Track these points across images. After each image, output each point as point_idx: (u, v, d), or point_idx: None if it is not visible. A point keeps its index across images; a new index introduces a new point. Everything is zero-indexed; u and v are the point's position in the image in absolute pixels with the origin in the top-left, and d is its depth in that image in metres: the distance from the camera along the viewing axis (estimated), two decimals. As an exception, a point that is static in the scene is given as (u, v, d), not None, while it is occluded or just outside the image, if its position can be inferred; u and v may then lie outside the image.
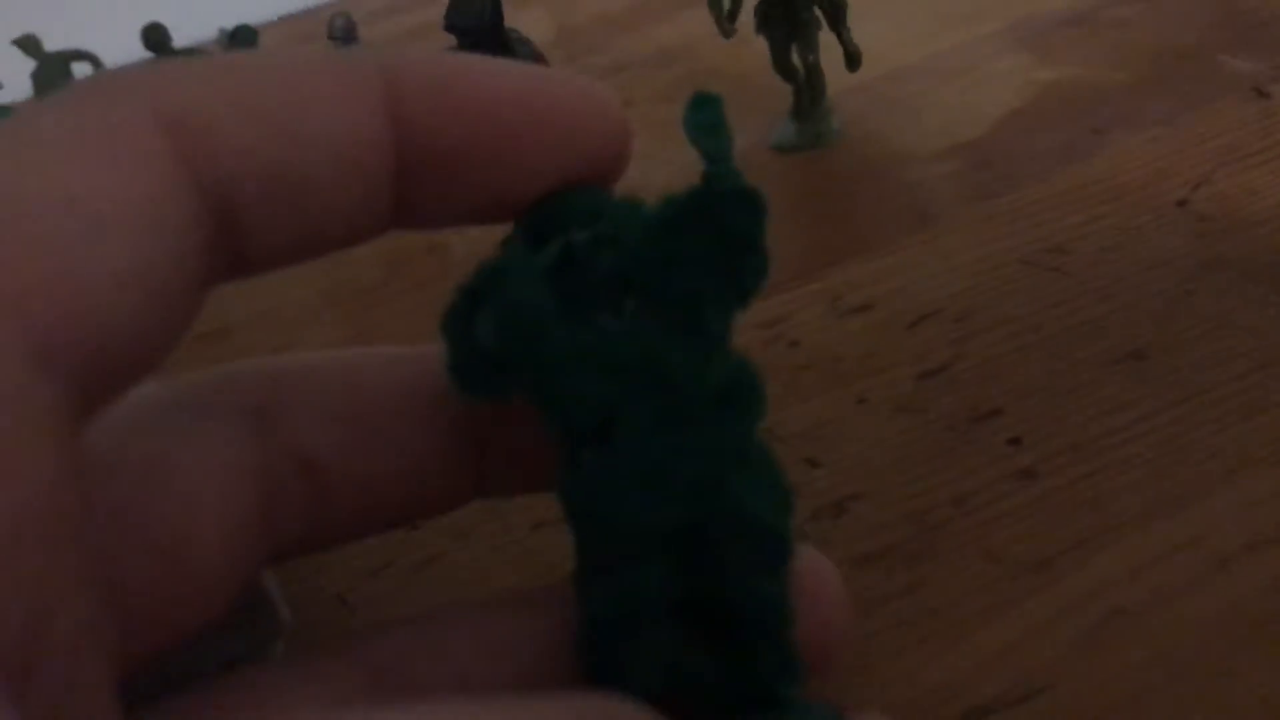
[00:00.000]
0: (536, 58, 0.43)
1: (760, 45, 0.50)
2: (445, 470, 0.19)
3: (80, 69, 0.72)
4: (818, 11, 0.48)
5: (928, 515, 0.26)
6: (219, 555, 0.16)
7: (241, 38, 0.56)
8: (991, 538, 0.25)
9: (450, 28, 0.42)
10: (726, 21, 0.49)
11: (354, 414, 0.18)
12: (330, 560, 0.30)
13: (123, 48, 0.72)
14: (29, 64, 0.69)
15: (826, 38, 0.48)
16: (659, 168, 0.52)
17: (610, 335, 0.16)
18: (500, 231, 0.18)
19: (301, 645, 0.27)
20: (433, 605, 0.27)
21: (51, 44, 0.70)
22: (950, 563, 0.25)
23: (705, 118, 0.17)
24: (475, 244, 0.47)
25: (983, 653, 0.22)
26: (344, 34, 0.53)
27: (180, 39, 0.63)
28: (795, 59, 0.49)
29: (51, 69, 0.70)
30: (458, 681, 0.17)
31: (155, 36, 0.63)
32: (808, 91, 0.50)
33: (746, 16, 0.49)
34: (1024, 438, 0.28)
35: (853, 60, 0.48)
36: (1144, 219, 0.36)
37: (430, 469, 0.18)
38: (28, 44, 0.69)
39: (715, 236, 0.16)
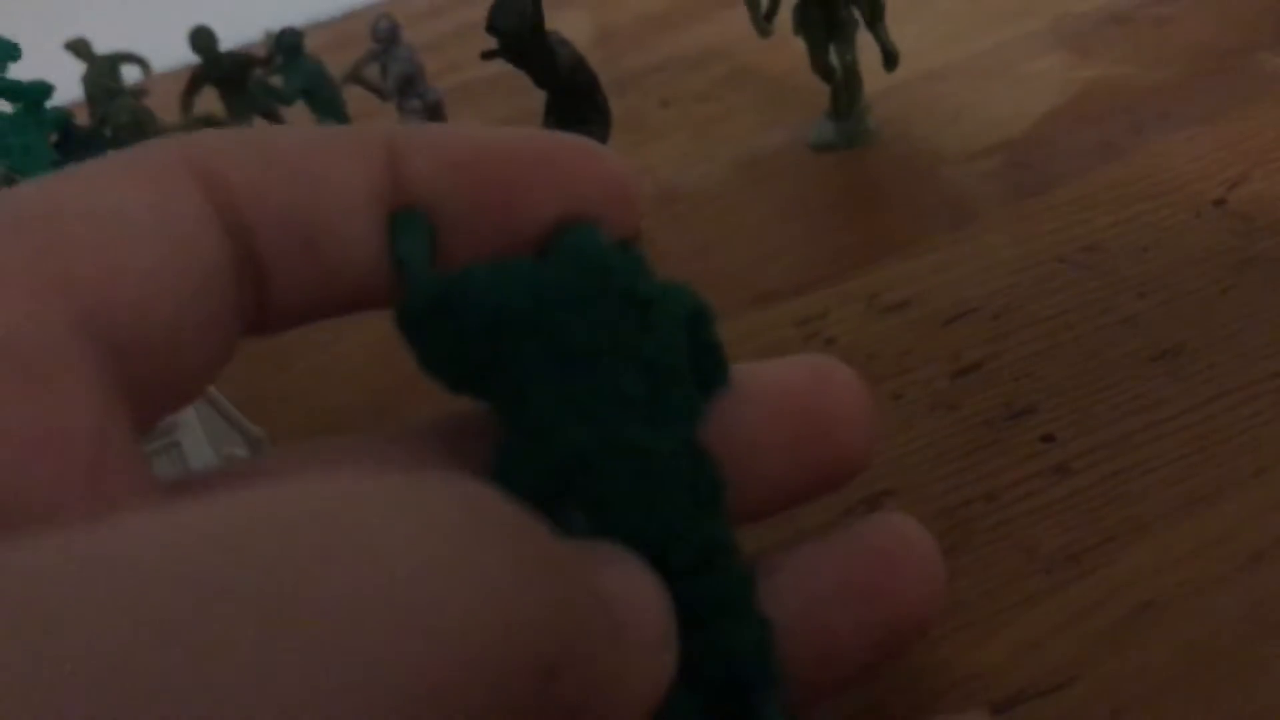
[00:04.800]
0: (576, 59, 0.44)
1: (798, 45, 0.51)
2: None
3: (129, 72, 0.73)
4: (856, 11, 0.48)
5: (961, 510, 0.27)
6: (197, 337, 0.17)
7: (286, 41, 0.56)
8: (1024, 532, 0.25)
9: (492, 29, 0.42)
10: (764, 21, 0.49)
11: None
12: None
13: (171, 51, 0.73)
14: (80, 67, 0.70)
15: (864, 37, 0.48)
16: (696, 164, 0.52)
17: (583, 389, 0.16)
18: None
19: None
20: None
21: (101, 47, 0.71)
22: (983, 556, 0.25)
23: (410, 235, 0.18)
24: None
25: (1014, 644, 0.23)
26: (388, 36, 0.54)
27: (226, 42, 0.64)
28: (833, 58, 0.50)
29: (101, 71, 0.71)
30: None
31: (202, 40, 0.64)
32: (845, 91, 0.50)
33: (785, 16, 0.49)
34: (1058, 434, 0.28)
35: (890, 60, 0.48)
36: (1181, 218, 0.36)
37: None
38: (78, 47, 0.70)
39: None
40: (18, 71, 0.53)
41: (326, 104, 0.57)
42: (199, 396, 0.29)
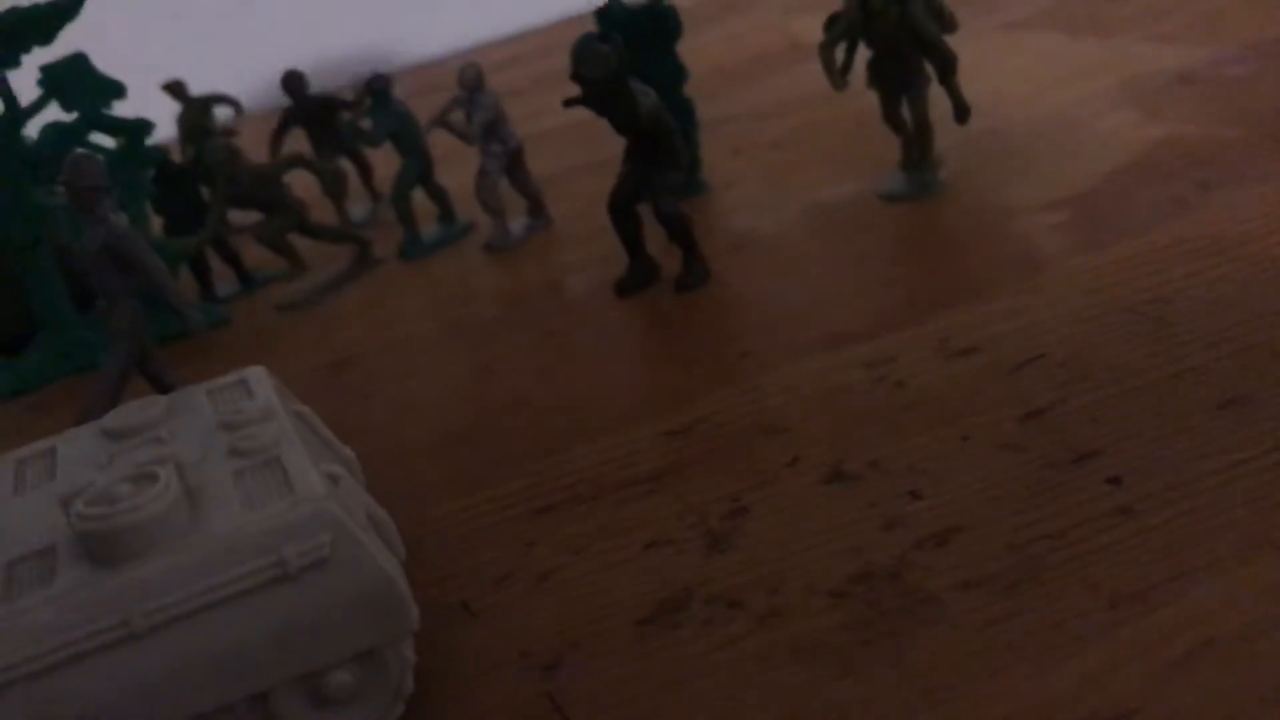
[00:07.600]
0: (657, 108, 0.45)
1: (869, 98, 0.52)
2: None
3: (222, 112, 0.76)
4: (929, 66, 0.49)
5: (1028, 547, 0.27)
6: None
7: (375, 85, 0.59)
8: (1089, 569, 0.26)
9: (578, 77, 0.44)
10: (839, 75, 0.50)
11: None
12: (456, 570, 0.32)
13: (263, 93, 0.76)
14: (176, 107, 0.73)
15: (936, 91, 0.50)
16: (768, 212, 0.53)
17: None
18: (610, 275, 0.19)
19: (426, 640, 0.29)
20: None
21: (197, 89, 0.74)
22: (1049, 591, 0.26)
23: None
24: (590, 283, 0.49)
25: (1078, 675, 0.23)
26: (473, 82, 0.56)
27: (317, 86, 0.67)
28: (905, 112, 0.51)
29: (194, 112, 0.74)
30: None
31: (293, 83, 0.67)
32: (917, 144, 0.51)
33: (859, 70, 0.51)
34: (1123, 477, 0.29)
35: (962, 114, 0.49)
36: (1249, 272, 0.37)
37: None
38: (174, 88, 0.73)
39: None
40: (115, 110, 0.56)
41: (412, 147, 0.59)
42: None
